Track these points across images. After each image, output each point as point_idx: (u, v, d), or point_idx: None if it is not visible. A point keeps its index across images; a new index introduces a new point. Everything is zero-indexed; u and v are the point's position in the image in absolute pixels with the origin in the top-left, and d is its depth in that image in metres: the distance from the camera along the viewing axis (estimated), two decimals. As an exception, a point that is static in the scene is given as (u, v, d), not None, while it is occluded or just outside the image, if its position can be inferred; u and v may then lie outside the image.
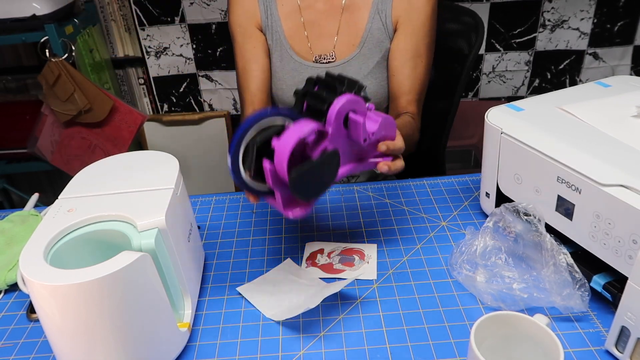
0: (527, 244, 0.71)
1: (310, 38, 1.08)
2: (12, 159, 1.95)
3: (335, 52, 1.07)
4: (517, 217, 0.71)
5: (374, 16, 1.04)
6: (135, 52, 2.04)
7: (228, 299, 0.75)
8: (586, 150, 0.66)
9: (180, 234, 0.68)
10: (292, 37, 1.08)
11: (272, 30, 1.08)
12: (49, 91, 1.68)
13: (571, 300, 0.65)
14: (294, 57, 1.08)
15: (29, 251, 0.58)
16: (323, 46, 1.08)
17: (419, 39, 1.04)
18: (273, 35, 1.08)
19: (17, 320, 0.74)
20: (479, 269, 0.72)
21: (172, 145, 2.13)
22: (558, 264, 0.66)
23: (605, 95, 0.80)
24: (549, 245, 0.67)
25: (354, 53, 1.06)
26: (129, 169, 0.74)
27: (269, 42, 1.09)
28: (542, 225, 0.69)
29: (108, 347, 0.58)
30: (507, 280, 0.69)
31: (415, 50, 1.04)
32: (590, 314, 0.67)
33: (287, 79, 1.09)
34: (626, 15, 1.93)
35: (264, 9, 1.07)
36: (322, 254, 0.81)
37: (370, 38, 1.05)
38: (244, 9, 1.08)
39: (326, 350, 0.65)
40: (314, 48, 1.08)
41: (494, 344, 0.56)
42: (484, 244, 0.73)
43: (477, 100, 2.13)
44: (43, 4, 1.63)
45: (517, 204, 0.72)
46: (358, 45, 1.06)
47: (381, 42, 1.06)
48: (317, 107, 0.66)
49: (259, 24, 1.08)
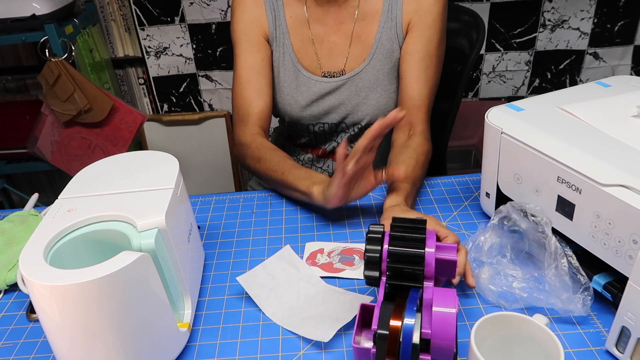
0: (532, 243, 0.70)
1: (319, 54, 1.05)
2: (12, 159, 1.95)
3: (345, 69, 1.06)
4: (523, 216, 0.71)
5: (384, 25, 1.02)
6: (135, 52, 2.04)
7: (228, 299, 0.75)
8: (586, 150, 0.66)
9: (180, 234, 0.68)
10: (299, 51, 1.05)
11: (280, 43, 1.05)
12: (49, 91, 1.68)
13: (570, 304, 0.64)
14: (302, 72, 1.06)
15: (28, 251, 0.58)
16: (334, 63, 1.06)
17: (429, 39, 1.01)
18: (280, 47, 1.05)
19: (17, 320, 0.74)
20: (484, 266, 0.72)
21: (172, 145, 2.13)
22: (560, 268, 0.66)
23: (605, 95, 0.80)
24: (552, 248, 0.67)
25: (362, 65, 1.04)
26: (129, 169, 0.74)
27: (275, 54, 1.06)
28: (549, 228, 0.68)
29: (108, 347, 0.58)
30: (509, 279, 0.69)
31: (426, 51, 1.01)
32: (591, 314, 0.67)
33: (295, 94, 1.07)
34: (626, 15, 1.93)
35: (272, 20, 1.04)
36: (322, 253, 0.81)
37: (380, 49, 1.03)
38: (251, 17, 1.04)
39: (326, 351, 0.65)
40: (323, 64, 1.06)
41: (495, 344, 0.56)
42: (490, 242, 0.73)
43: (477, 100, 2.13)
44: (43, 4, 1.63)
45: (524, 204, 0.71)
46: (367, 56, 1.04)
47: (391, 53, 1.03)
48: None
49: (266, 35, 1.05)
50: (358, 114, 1.07)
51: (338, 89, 1.06)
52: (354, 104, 1.07)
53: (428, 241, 0.59)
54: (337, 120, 1.10)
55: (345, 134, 1.13)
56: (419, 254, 0.58)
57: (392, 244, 0.59)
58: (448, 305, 0.54)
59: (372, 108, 1.07)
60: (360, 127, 1.10)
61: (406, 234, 0.59)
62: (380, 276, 0.60)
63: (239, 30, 1.05)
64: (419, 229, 0.60)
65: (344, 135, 1.13)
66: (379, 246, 0.60)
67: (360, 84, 1.05)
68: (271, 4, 1.04)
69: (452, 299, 0.55)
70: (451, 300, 0.54)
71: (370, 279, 0.60)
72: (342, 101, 1.07)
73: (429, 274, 0.58)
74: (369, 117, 1.08)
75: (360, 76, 1.05)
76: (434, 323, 0.53)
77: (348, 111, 1.08)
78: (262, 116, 1.04)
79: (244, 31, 1.04)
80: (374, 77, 1.05)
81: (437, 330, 0.53)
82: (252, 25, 1.04)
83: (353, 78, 1.05)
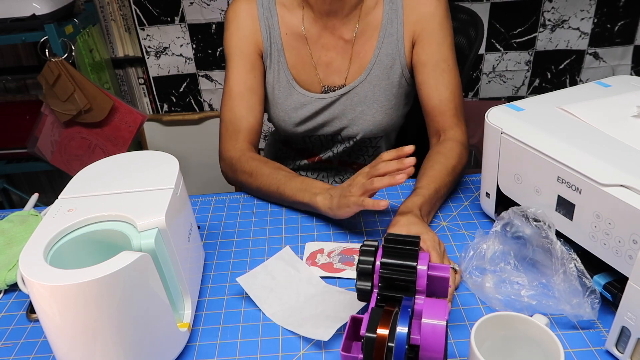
0: (537, 249, 0.70)
1: (319, 70, 1.05)
2: (12, 159, 1.95)
3: (345, 83, 1.05)
4: (526, 222, 0.70)
5: (383, 40, 1.01)
6: (135, 52, 2.04)
7: (228, 299, 0.75)
8: (586, 150, 0.66)
9: (180, 234, 0.68)
10: (295, 67, 1.04)
11: (274, 60, 1.04)
12: (49, 91, 1.68)
13: (580, 308, 0.64)
14: (297, 89, 1.05)
15: (28, 251, 0.58)
16: (333, 79, 1.05)
17: (439, 43, 0.99)
18: (275, 64, 1.04)
19: (17, 320, 0.74)
20: (488, 274, 0.71)
21: (172, 145, 2.13)
22: (568, 272, 0.65)
23: (605, 95, 0.80)
24: (559, 253, 0.66)
25: (359, 79, 1.03)
26: (129, 169, 0.74)
27: (269, 70, 1.05)
28: (553, 232, 0.67)
29: (108, 347, 0.58)
30: (515, 287, 0.69)
31: (439, 56, 0.99)
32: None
33: (290, 111, 1.06)
34: (626, 15, 1.93)
35: (266, 36, 1.02)
36: (322, 253, 0.81)
37: (377, 64, 1.02)
38: (245, 33, 1.02)
39: (326, 351, 0.65)
40: (323, 79, 1.05)
41: (495, 344, 0.56)
42: (493, 249, 0.72)
43: (477, 100, 2.13)
44: (43, 3, 1.63)
45: (526, 208, 0.71)
46: (364, 71, 1.03)
47: (389, 69, 1.02)
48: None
49: (260, 51, 1.03)
50: (353, 128, 1.07)
51: (333, 103, 1.06)
52: (349, 119, 1.06)
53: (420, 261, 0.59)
54: (332, 133, 1.09)
55: (341, 145, 1.12)
56: (412, 265, 0.58)
57: (385, 256, 0.59)
58: (438, 317, 0.53)
59: (368, 123, 1.06)
60: (355, 141, 1.10)
61: (400, 245, 0.60)
62: (372, 289, 0.60)
63: (233, 45, 1.03)
64: (412, 242, 0.60)
65: (339, 146, 1.13)
66: (372, 257, 0.60)
67: (355, 99, 1.04)
68: (266, 20, 1.02)
69: (441, 309, 0.54)
70: (441, 310, 0.54)
71: (362, 292, 0.60)
72: (336, 115, 1.07)
73: (421, 287, 0.58)
74: (363, 132, 1.07)
75: (355, 91, 1.04)
76: (423, 334, 0.53)
77: (343, 125, 1.08)
78: (252, 132, 1.03)
79: (237, 46, 1.03)
80: (370, 93, 1.04)
81: (426, 341, 0.53)
82: (246, 40, 1.02)
83: (348, 93, 1.04)
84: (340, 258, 0.80)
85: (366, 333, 0.53)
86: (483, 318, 0.55)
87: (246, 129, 1.02)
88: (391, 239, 0.61)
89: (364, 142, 1.11)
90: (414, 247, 0.59)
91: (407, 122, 1.16)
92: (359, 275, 0.60)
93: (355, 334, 0.61)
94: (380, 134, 1.09)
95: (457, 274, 0.73)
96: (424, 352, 0.53)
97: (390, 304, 0.56)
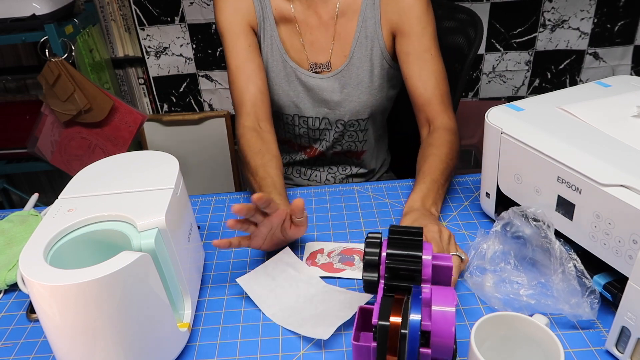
0: (536, 249, 0.70)
1: (306, 48, 1.07)
2: (12, 159, 1.95)
3: (330, 62, 1.07)
4: (526, 222, 0.70)
5: (362, 23, 1.03)
6: (135, 52, 2.04)
7: (228, 299, 0.75)
8: (586, 150, 0.66)
9: (180, 234, 0.68)
10: (286, 42, 1.07)
11: (268, 34, 1.06)
12: (49, 91, 1.68)
13: (579, 308, 0.64)
14: (290, 63, 1.07)
15: (28, 251, 0.58)
16: (319, 56, 1.07)
17: (420, 34, 1.00)
18: (268, 38, 1.06)
19: (17, 320, 0.74)
20: (488, 274, 0.71)
21: (172, 145, 2.13)
22: (567, 272, 0.65)
23: (605, 95, 0.80)
24: (558, 253, 0.66)
25: (345, 63, 1.06)
26: (129, 169, 0.74)
27: (263, 44, 1.07)
28: (552, 232, 0.68)
29: (108, 347, 0.58)
30: (515, 286, 0.69)
31: (421, 46, 1.00)
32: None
33: (283, 84, 1.08)
34: (626, 15, 1.93)
35: (260, 11, 1.04)
36: (322, 253, 0.81)
37: (359, 47, 1.04)
38: (234, 7, 1.04)
39: (326, 351, 0.65)
40: (310, 56, 1.07)
41: (495, 344, 0.56)
42: (493, 249, 0.72)
43: (477, 100, 2.13)
44: (43, 3, 1.63)
45: (526, 208, 0.71)
46: (348, 54, 1.05)
47: (370, 51, 1.04)
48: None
49: (253, 24, 1.05)
50: (340, 109, 1.09)
51: (323, 84, 1.08)
52: (336, 101, 1.09)
53: (425, 251, 0.60)
54: (321, 116, 1.11)
55: (330, 132, 1.14)
56: (417, 255, 0.59)
57: (391, 247, 0.60)
58: (447, 304, 0.54)
59: (354, 104, 1.08)
60: (343, 123, 1.12)
61: (404, 236, 0.61)
62: (379, 280, 0.60)
63: (223, 20, 1.05)
64: (415, 233, 0.61)
65: (329, 133, 1.14)
66: (378, 249, 0.60)
67: (343, 81, 1.07)
68: None
69: (450, 297, 0.55)
70: (450, 297, 0.55)
71: (369, 282, 0.60)
72: (326, 97, 1.09)
73: (426, 276, 0.59)
74: (349, 114, 1.10)
75: (342, 74, 1.06)
76: (433, 320, 0.53)
77: (331, 107, 1.10)
78: (255, 102, 1.02)
79: (228, 20, 1.04)
80: (355, 75, 1.06)
81: (437, 328, 0.53)
82: (236, 14, 1.04)
83: (337, 75, 1.07)
84: (340, 258, 0.80)
85: (379, 321, 0.53)
86: (483, 318, 0.55)
87: (249, 100, 1.03)
88: (395, 230, 0.62)
89: (352, 126, 1.13)
90: (418, 237, 0.60)
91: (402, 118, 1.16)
92: (366, 266, 0.60)
93: (364, 325, 0.61)
94: (365, 115, 1.11)
95: (463, 262, 0.73)
96: (435, 338, 0.53)
97: (399, 293, 0.57)
